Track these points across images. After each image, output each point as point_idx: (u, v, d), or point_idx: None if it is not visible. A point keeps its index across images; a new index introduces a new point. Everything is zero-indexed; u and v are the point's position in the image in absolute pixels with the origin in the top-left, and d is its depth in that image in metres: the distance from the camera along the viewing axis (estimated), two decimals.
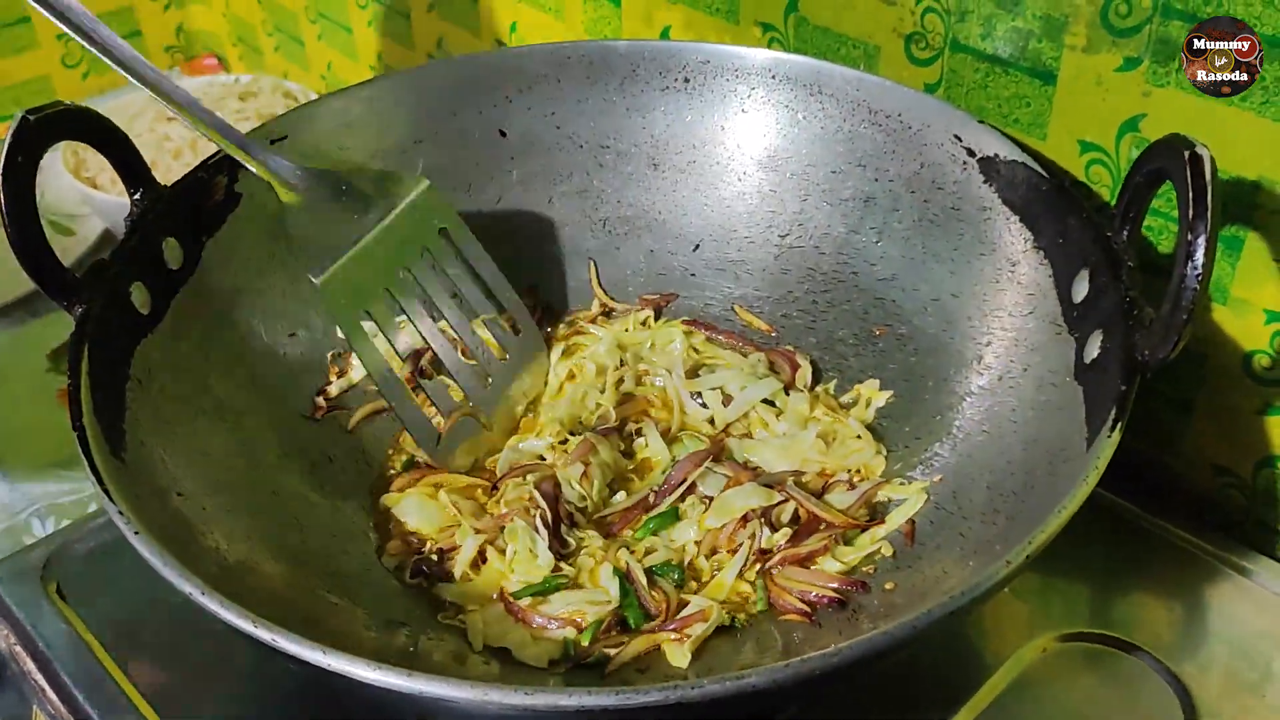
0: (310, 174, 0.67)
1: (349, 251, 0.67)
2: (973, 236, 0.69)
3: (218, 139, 0.64)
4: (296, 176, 0.67)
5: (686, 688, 0.43)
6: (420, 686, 0.44)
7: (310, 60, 1.31)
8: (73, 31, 0.60)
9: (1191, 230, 0.50)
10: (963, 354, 0.68)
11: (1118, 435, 0.51)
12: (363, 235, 0.67)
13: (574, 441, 0.69)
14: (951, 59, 0.71)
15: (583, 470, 0.66)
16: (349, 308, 0.67)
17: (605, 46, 0.79)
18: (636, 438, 0.71)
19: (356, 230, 0.67)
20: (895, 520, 0.64)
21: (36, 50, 1.32)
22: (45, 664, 0.63)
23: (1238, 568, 0.66)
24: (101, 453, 0.54)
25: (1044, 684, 0.61)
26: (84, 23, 0.60)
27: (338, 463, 0.70)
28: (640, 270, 0.81)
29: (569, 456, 0.67)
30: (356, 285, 0.67)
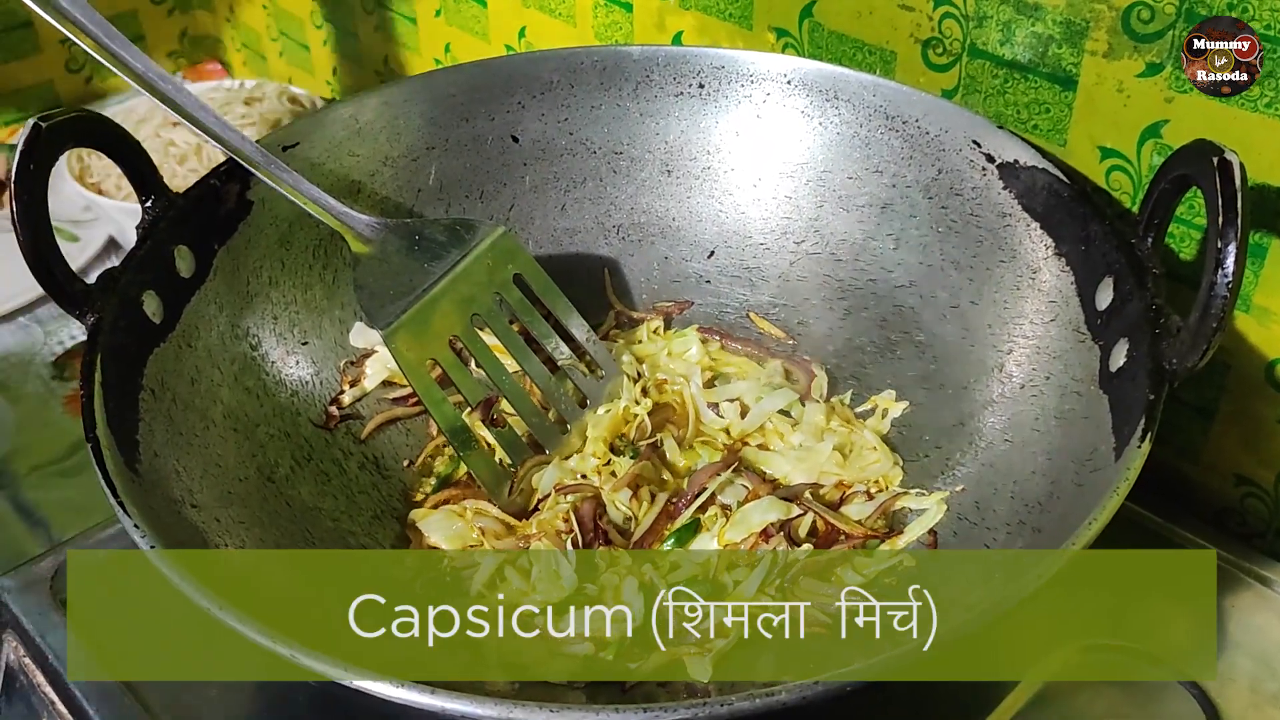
0: (385, 226, 0.67)
1: (417, 303, 0.66)
2: (992, 243, 0.68)
3: (292, 194, 0.64)
4: (372, 230, 0.67)
5: (715, 704, 0.43)
6: (443, 704, 0.43)
7: (315, 65, 1.30)
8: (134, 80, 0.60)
9: (1221, 237, 0.50)
10: (983, 362, 0.67)
11: (1148, 445, 0.51)
12: (433, 284, 0.67)
13: (619, 462, 0.68)
14: (970, 64, 0.71)
15: (631, 494, 0.65)
16: (417, 357, 0.66)
17: (619, 52, 0.78)
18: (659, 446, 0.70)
19: (426, 278, 0.67)
20: (915, 531, 0.64)
21: (39, 55, 1.31)
22: (55, 676, 0.63)
23: (1260, 578, 0.66)
24: (116, 464, 0.53)
25: (1066, 695, 0.60)
26: (145, 71, 0.60)
27: (351, 473, 0.69)
28: (654, 277, 0.80)
29: (618, 480, 0.66)
30: (425, 334, 0.66)
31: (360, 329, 0.75)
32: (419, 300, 0.66)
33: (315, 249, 0.73)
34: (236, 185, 0.69)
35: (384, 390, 0.74)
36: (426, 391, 0.66)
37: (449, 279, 0.68)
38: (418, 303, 0.66)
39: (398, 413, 0.73)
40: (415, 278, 0.67)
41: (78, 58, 1.34)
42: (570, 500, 0.65)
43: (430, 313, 0.67)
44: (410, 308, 0.66)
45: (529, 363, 0.70)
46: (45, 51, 1.31)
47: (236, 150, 0.63)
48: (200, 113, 0.62)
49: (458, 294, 0.68)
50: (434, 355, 0.67)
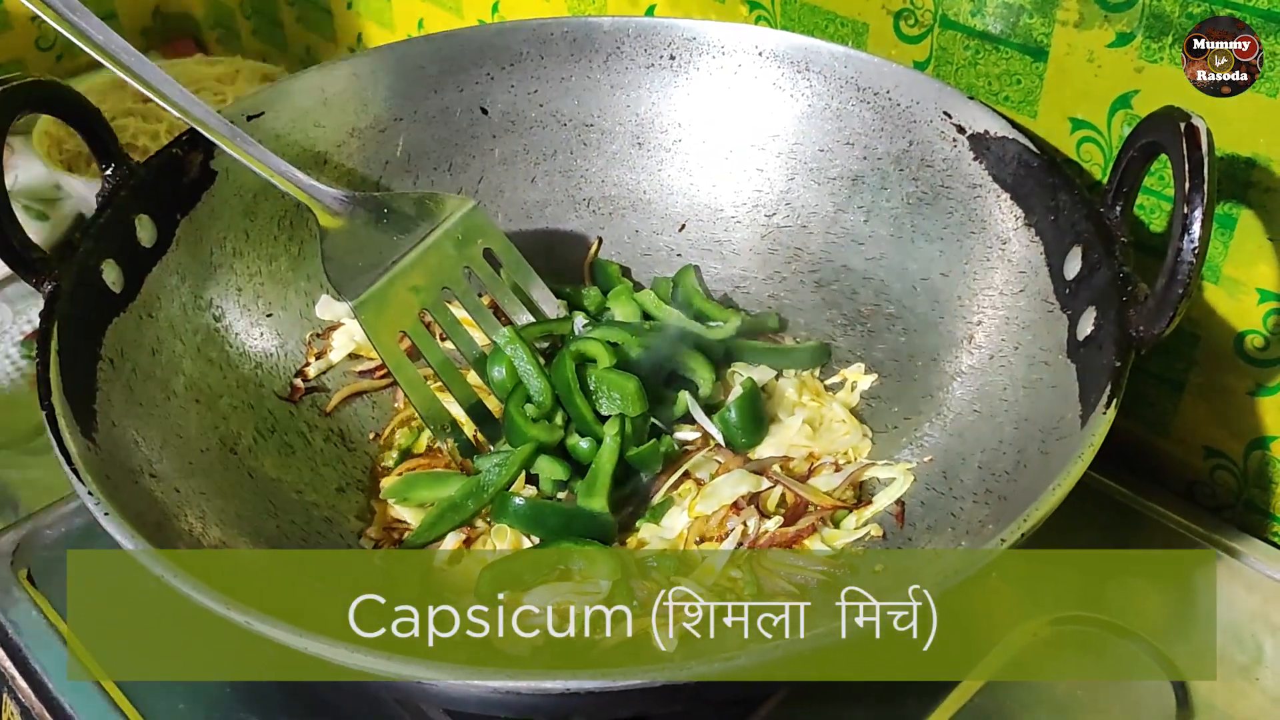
0: (353, 199, 0.67)
1: (386, 275, 0.66)
2: (963, 215, 0.68)
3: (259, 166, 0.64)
4: (339, 203, 0.66)
5: (675, 669, 0.42)
6: (400, 669, 0.43)
7: (289, 43, 1.29)
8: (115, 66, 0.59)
9: (1188, 203, 0.50)
10: (953, 333, 0.67)
11: (1113, 412, 0.50)
12: (401, 256, 0.67)
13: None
14: (941, 36, 0.70)
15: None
16: (386, 329, 0.66)
17: (589, 23, 0.78)
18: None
19: (394, 251, 0.67)
20: (882, 502, 0.63)
21: (9, 32, 1.29)
22: (16, 652, 0.62)
23: (1229, 549, 0.66)
24: (71, 433, 0.53)
25: (1035, 667, 0.60)
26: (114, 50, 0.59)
27: (315, 445, 0.68)
28: (625, 251, 0.80)
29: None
30: (394, 306, 0.66)
31: (326, 301, 0.74)
32: (387, 273, 0.66)
33: (280, 220, 0.73)
34: (200, 154, 0.69)
35: (350, 363, 0.73)
36: (394, 362, 0.66)
37: (417, 251, 0.67)
38: (386, 275, 0.66)
39: (364, 386, 0.72)
40: (384, 251, 0.67)
41: (48, 35, 1.32)
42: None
43: (399, 285, 0.66)
44: (379, 279, 0.66)
45: (496, 331, 0.70)
46: (15, 29, 1.30)
47: (200, 121, 0.62)
48: (164, 85, 0.61)
49: (426, 267, 0.68)
50: (403, 328, 0.67)
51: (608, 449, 0.64)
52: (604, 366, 0.66)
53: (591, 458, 0.65)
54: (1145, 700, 0.58)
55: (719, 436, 0.67)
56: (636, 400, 0.65)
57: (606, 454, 0.64)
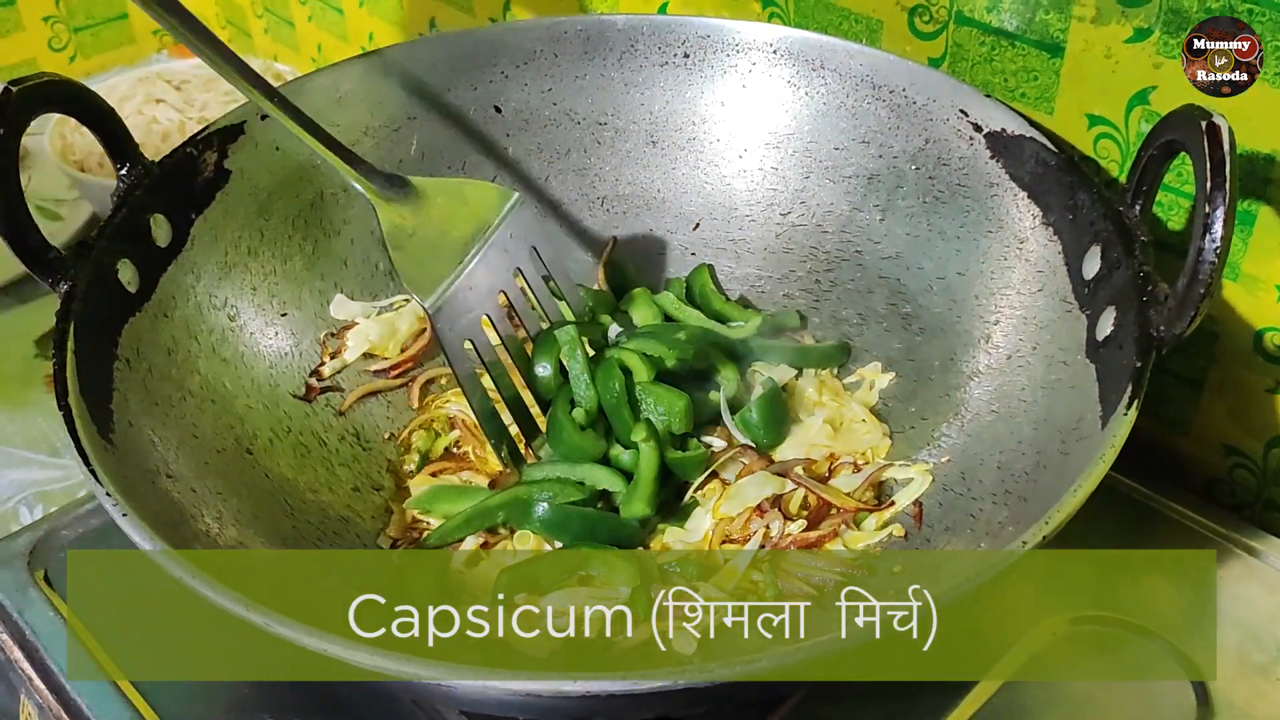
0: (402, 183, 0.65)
1: (455, 277, 0.64)
2: (979, 213, 0.67)
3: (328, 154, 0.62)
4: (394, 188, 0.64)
5: (695, 671, 0.42)
6: (419, 670, 0.43)
7: (300, 42, 1.29)
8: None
9: (1210, 202, 0.49)
10: (970, 333, 0.66)
11: (1134, 413, 0.50)
12: (464, 256, 0.65)
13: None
14: (956, 32, 0.70)
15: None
16: (458, 337, 0.64)
17: (603, 21, 0.77)
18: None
19: (458, 251, 0.65)
20: (901, 502, 0.63)
21: (22, 33, 1.30)
22: (33, 652, 0.62)
23: (1248, 548, 0.65)
24: (88, 433, 0.53)
25: (1054, 667, 0.60)
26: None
27: (331, 445, 0.68)
28: (639, 250, 0.79)
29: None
30: (463, 312, 0.64)
31: (341, 301, 0.74)
32: (456, 276, 0.64)
33: (295, 219, 0.73)
34: (214, 154, 0.68)
35: (365, 362, 0.73)
36: (464, 373, 0.64)
37: (481, 253, 0.65)
38: (455, 278, 0.64)
39: (378, 385, 0.72)
40: (447, 248, 0.65)
41: (60, 36, 1.32)
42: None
43: (466, 290, 0.64)
44: (446, 281, 0.64)
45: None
46: (28, 30, 1.30)
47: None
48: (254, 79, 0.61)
49: (487, 269, 0.66)
50: (470, 336, 0.65)
51: (647, 457, 0.63)
52: (646, 379, 0.66)
53: (633, 469, 0.64)
54: (1164, 700, 0.58)
55: (744, 438, 0.66)
56: (684, 419, 0.65)
57: (647, 461, 0.64)
